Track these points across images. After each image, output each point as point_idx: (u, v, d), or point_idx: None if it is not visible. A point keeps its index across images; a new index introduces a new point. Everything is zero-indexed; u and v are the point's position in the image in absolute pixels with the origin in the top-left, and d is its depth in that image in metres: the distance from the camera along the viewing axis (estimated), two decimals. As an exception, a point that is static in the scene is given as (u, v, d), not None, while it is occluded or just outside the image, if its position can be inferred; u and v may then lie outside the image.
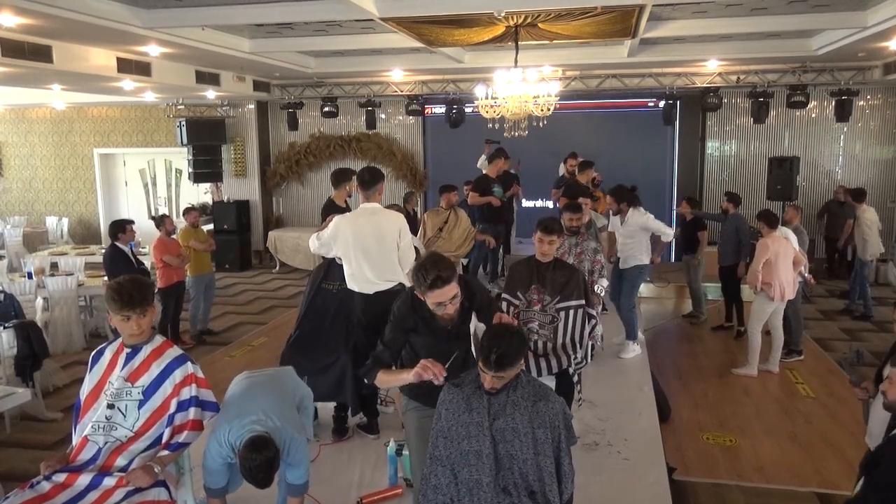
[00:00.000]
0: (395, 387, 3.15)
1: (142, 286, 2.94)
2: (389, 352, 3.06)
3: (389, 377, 3.01)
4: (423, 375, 2.70)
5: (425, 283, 2.78)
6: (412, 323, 3.01)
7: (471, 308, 3.02)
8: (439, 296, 2.79)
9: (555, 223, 4.36)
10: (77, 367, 6.81)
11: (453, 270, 2.82)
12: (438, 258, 2.86)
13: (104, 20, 6.14)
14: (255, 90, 11.25)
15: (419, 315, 2.97)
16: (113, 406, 2.91)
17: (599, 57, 9.40)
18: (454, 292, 2.82)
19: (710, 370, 6.85)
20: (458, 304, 2.90)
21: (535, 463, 2.51)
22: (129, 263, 6.99)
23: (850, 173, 11.10)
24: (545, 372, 4.13)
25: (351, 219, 4.52)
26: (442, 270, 2.76)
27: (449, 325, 2.97)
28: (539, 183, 10.89)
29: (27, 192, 13.99)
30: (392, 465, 3.99)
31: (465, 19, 6.57)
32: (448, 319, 2.93)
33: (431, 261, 2.82)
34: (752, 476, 4.74)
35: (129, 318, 2.88)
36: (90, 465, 2.87)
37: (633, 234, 6.58)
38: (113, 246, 7.10)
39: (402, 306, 3.05)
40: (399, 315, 3.04)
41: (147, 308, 2.93)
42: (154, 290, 3.06)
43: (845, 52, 8.68)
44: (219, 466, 3.10)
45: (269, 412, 3.07)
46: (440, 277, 2.75)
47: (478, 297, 3.06)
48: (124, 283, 2.91)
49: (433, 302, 2.83)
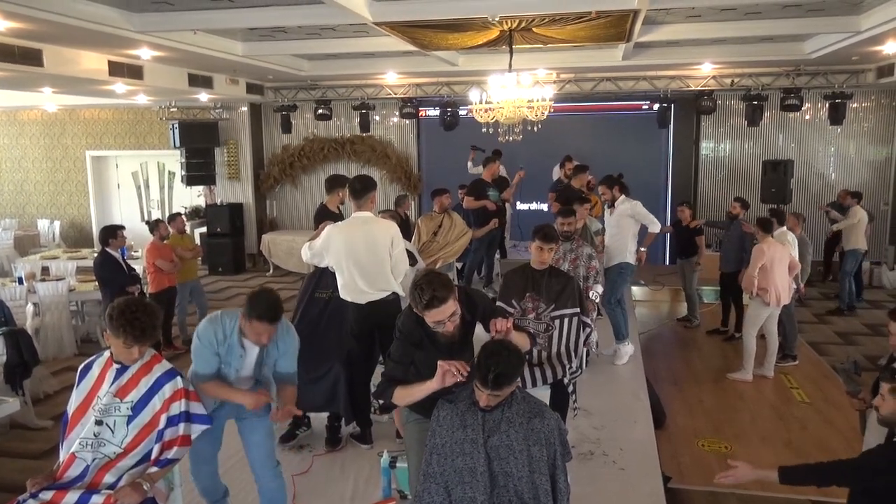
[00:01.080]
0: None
1: (152, 317, 2.85)
2: (402, 367, 2.98)
3: (408, 392, 2.88)
4: (446, 378, 2.61)
5: (421, 302, 2.73)
6: (418, 337, 2.94)
7: (473, 320, 2.97)
8: (437, 315, 2.74)
9: (554, 231, 4.33)
10: (68, 374, 6.74)
11: (449, 289, 2.76)
12: (433, 277, 2.79)
13: (95, 24, 6.09)
14: (249, 93, 11.20)
15: (424, 330, 2.90)
16: (101, 422, 2.86)
17: (594, 60, 9.38)
18: (452, 310, 2.77)
19: (706, 375, 6.84)
20: (458, 320, 2.85)
21: (530, 480, 2.48)
22: (119, 270, 6.90)
23: (843, 176, 11.12)
24: (540, 382, 4.09)
25: (343, 228, 4.48)
26: (437, 290, 2.70)
27: (453, 339, 2.92)
28: (534, 186, 10.86)
29: (18, 195, 13.89)
30: (385, 477, 3.94)
31: (458, 24, 6.53)
32: (450, 335, 2.88)
33: (427, 280, 2.75)
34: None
35: (132, 346, 2.82)
36: (78, 482, 2.82)
37: (619, 222, 6.54)
38: (104, 252, 6.95)
39: (406, 321, 2.98)
40: (405, 330, 2.98)
41: (154, 339, 2.90)
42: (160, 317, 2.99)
43: (839, 56, 8.70)
44: (206, 350, 3.15)
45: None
46: (436, 297, 2.70)
47: (480, 308, 3.02)
48: (137, 312, 2.78)
49: (431, 321, 2.78)
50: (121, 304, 2.81)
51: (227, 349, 3.17)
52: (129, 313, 2.77)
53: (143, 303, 2.91)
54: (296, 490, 4.04)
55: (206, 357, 3.17)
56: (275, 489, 3.42)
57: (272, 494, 3.42)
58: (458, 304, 2.82)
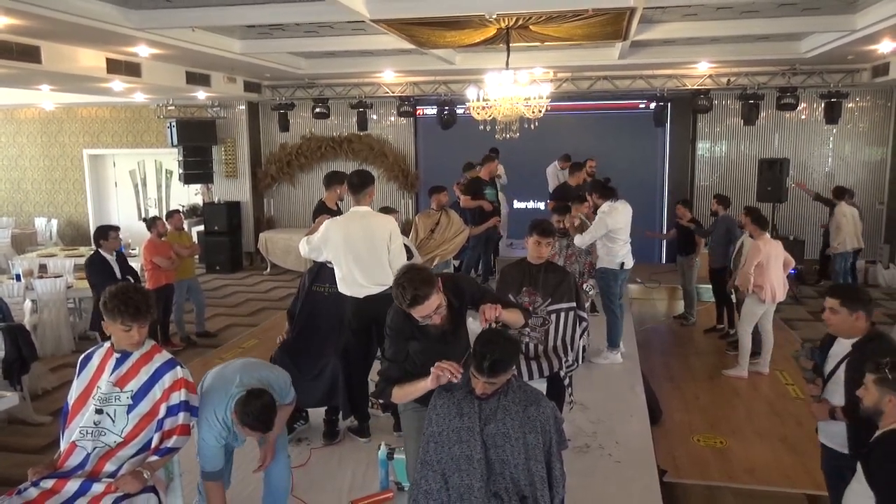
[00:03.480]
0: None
1: (146, 296, 2.90)
2: (397, 366, 3.01)
3: (406, 390, 2.91)
4: (440, 378, 2.65)
5: (405, 301, 2.75)
6: (409, 331, 2.97)
7: (462, 306, 2.99)
8: (422, 311, 2.77)
9: (551, 226, 4.37)
10: (66, 370, 6.75)
11: (430, 284, 2.77)
12: (414, 274, 2.79)
13: (93, 21, 6.10)
14: (246, 91, 11.21)
15: (413, 323, 2.92)
16: (101, 411, 2.88)
17: (591, 59, 9.42)
18: (436, 304, 2.78)
19: (702, 372, 6.87)
20: (444, 312, 2.87)
21: (526, 468, 2.51)
22: (108, 273, 6.57)
23: (839, 175, 11.17)
24: (536, 375, 4.13)
25: (341, 222, 4.51)
26: (418, 288, 2.72)
27: (443, 328, 2.95)
28: (531, 184, 10.90)
29: (16, 193, 13.88)
30: (383, 469, 3.98)
31: (456, 21, 6.56)
32: (440, 326, 2.91)
33: (407, 278, 2.76)
34: (743, 478, 4.75)
35: (130, 328, 2.85)
36: (78, 470, 2.85)
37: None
38: (96, 253, 6.69)
39: (395, 318, 3.00)
40: (395, 327, 3.01)
41: (150, 317, 2.91)
42: (153, 297, 3.02)
43: (834, 55, 8.74)
44: (213, 448, 3.14)
45: (245, 377, 3.15)
46: (417, 296, 2.72)
47: (468, 294, 3.03)
48: (129, 292, 2.85)
49: (418, 316, 2.81)
50: (111, 290, 2.87)
51: (234, 436, 3.20)
52: (122, 295, 2.84)
53: (133, 285, 2.99)
54: (294, 482, 4.06)
55: (217, 454, 3.19)
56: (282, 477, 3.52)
57: (278, 483, 3.51)
58: (442, 296, 2.84)
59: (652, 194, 11.62)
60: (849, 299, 3.18)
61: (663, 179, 11.77)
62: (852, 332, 3.18)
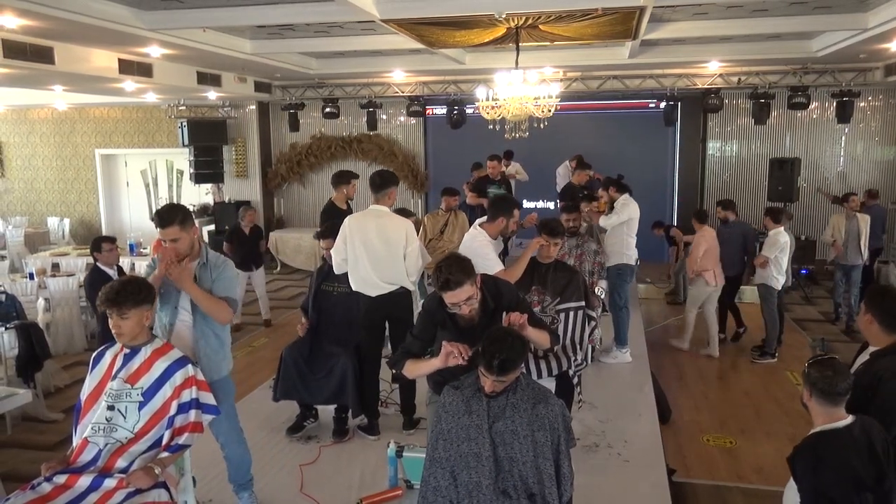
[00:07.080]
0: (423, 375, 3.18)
1: (131, 287, 2.95)
2: (419, 343, 3.10)
3: (417, 366, 3.04)
4: (448, 357, 2.74)
5: (437, 283, 2.83)
6: (441, 317, 3.02)
7: (497, 308, 3.01)
8: (452, 297, 2.83)
9: (560, 226, 4.37)
10: (78, 368, 6.81)
11: (466, 273, 2.82)
12: (454, 260, 2.87)
13: (106, 22, 6.15)
14: (257, 91, 11.26)
15: (445, 311, 2.97)
16: (113, 407, 2.92)
17: (600, 58, 9.40)
18: (467, 295, 2.83)
19: (711, 371, 6.85)
20: (475, 305, 2.91)
21: (534, 465, 2.52)
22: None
23: (851, 174, 11.10)
24: (545, 374, 4.12)
25: (358, 218, 4.57)
26: (452, 273, 2.78)
27: (472, 323, 2.96)
28: (540, 184, 10.88)
29: (29, 193, 14.00)
30: (392, 467, 3.98)
31: (465, 21, 6.57)
32: (469, 318, 2.93)
33: (447, 262, 2.85)
34: (752, 478, 4.74)
35: (111, 315, 2.91)
36: (91, 466, 2.88)
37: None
38: (95, 268, 5.77)
39: (431, 301, 3.09)
40: (429, 308, 3.09)
41: (127, 310, 2.91)
42: (151, 294, 3.03)
43: (846, 54, 8.68)
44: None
45: None
46: (449, 280, 2.78)
47: (506, 299, 3.07)
48: (120, 280, 3.01)
49: (448, 301, 2.87)
50: (105, 290, 2.95)
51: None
52: (112, 292, 2.91)
53: (131, 277, 3.14)
54: (303, 479, 4.09)
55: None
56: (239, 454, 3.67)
57: (238, 459, 3.66)
58: (476, 290, 2.87)
59: (662, 194, 11.58)
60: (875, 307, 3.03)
61: (673, 179, 11.73)
62: (875, 341, 3.12)
